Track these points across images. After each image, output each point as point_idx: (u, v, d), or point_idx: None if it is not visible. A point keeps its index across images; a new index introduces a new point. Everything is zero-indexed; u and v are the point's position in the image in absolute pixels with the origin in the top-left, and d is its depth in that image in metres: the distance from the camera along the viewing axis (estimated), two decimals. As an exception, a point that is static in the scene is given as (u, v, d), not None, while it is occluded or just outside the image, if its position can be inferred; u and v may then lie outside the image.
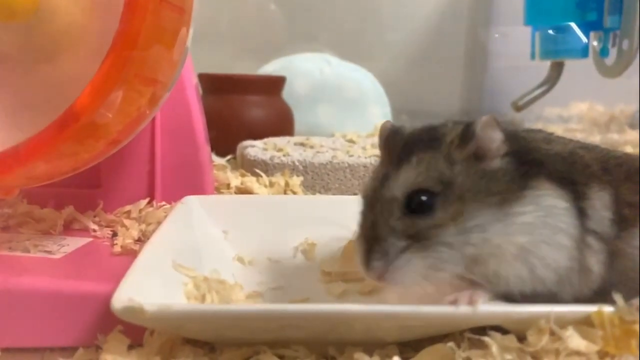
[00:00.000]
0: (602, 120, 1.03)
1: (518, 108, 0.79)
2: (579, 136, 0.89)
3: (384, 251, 0.26)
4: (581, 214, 0.27)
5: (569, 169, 0.29)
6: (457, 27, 1.27)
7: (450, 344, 0.25)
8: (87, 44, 0.35)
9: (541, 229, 0.27)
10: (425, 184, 0.26)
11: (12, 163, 0.33)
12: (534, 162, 0.28)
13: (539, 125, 0.97)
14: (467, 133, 0.27)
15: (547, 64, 0.80)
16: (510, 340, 0.25)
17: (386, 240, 0.26)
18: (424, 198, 0.26)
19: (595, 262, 0.27)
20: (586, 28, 0.72)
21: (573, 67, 0.79)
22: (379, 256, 0.26)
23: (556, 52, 0.74)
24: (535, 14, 0.75)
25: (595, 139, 0.89)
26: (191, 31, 0.37)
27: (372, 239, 0.27)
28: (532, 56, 0.77)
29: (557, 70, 0.78)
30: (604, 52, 0.71)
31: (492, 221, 0.26)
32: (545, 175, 0.28)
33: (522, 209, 0.26)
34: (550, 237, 0.27)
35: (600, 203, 0.28)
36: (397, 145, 0.29)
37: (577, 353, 0.25)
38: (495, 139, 0.27)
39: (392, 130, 0.30)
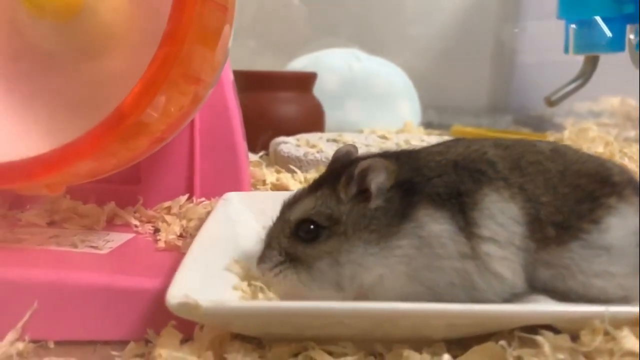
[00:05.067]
0: (635, 114, 1.01)
1: (551, 104, 0.78)
2: (613, 132, 0.87)
3: (268, 258, 0.31)
4: (469, 224, 0.28)
5: (458, 179, 0.29)
6: (485, 21, 1.26)
7: (502, 342, 0.25)
8: (130, 42, 0.36)
9: (418, 258, 0.28)
10: (314, 217, 0.30)
11: (61, 161, 0.33)
12: (416, 190, 0.29)
13: (569, 121, 0.96)
14: (348, 177, 0.30)
15: (577, 58, 0.78)
16: (564, 339, 0.25)
17: (272, 250, 0.31)
18: (309, 228, 0.30)
19: (506, 268, 0.28)
20: (622, 21, 0.71)
21: (604, 60, 0.77)
22: (266, 259, 0.31)
23: (591, 45, 0.72)
24: (569, 6, 0.74)
25: (630, 134, 0.87)
26: (232, 30, 0.38)
27: (268, 243, 0.31)
28: (566, 50, 0.76)
29: (591, 64, 0.77)
30: (640, 45, 0.70)
31: (367, 257, 0.29)
32: (426, 201, 0.29)
33: (398, 242, 0.29)
34: (429, 264, 0.28)
35: (496, 211, 0.28)
36: (325, 173, 0.33)
37: (632, 354, 0.24)
38: (375, 181, 0.29)
39: (335, 157, 0.33)
